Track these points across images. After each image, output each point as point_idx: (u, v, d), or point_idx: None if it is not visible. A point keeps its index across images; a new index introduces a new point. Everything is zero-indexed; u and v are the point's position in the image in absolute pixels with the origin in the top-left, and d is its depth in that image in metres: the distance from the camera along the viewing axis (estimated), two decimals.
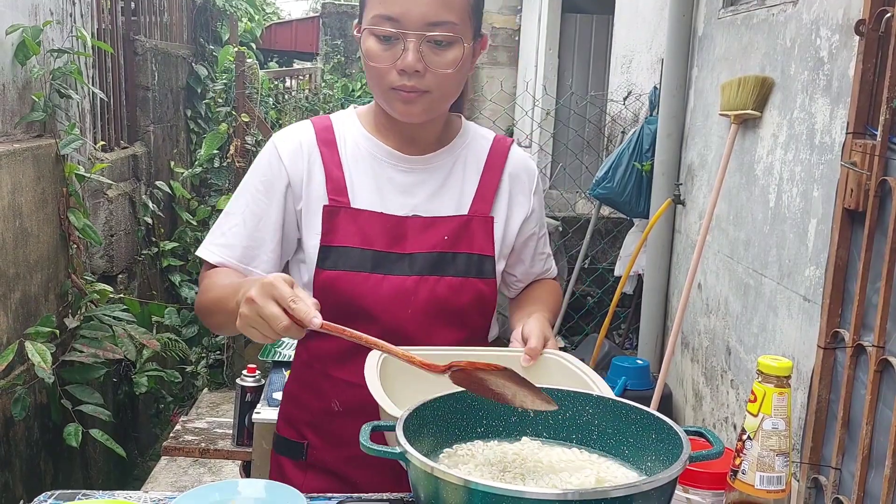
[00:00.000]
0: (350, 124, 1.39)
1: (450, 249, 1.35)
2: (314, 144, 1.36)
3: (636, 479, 1.02)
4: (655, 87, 4.11)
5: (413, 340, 1.29)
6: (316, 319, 1.06)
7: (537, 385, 1.04)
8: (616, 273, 4.39)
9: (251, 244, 1.34)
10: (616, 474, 1.04)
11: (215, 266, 1.35)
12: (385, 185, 1.35)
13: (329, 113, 1.58)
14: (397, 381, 1.19)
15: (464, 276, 1.35)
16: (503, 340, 1.44)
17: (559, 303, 1.57)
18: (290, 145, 1.36)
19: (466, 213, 1.37)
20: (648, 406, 1.08)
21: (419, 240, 1.34)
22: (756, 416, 1.01)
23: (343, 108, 1.54)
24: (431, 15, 1.23)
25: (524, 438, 1.12)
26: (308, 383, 1.40)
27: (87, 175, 3.27)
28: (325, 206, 1.33)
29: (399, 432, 0.97)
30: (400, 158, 1.36)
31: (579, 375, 1.26)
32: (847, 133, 2.14)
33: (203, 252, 1.37)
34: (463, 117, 1.46)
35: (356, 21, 1.35)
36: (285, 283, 1.07)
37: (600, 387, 1.20)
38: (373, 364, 1.18)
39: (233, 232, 1.35)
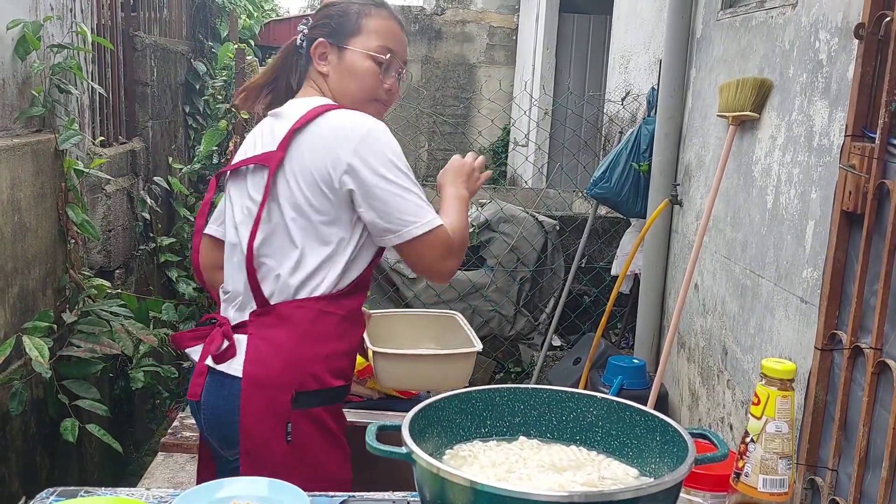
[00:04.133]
0: None
1: None
2: None
3: (640, 480, 1.03)
4: (653, 88, 4.11)
5: None
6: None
7: None
8: (613, 272, 4.40)
9: None
10: (617, 472, 1.05)
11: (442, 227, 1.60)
12: None
13: None
14: None
15: None
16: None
17: None
18: None
19: None
20: (645, 406, 1.09)
21: None
22: (759, 418, 1.02)
23: None
24: (405, 55, 1.74)
25: (521, 437, 1.13)
26: (346, 334, 1.64)
27: (86, 170, 3.26)
28: None
29: (405, 432, 0.98)
30: None
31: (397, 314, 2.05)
32: (846, 136, 2.15)
33: (439, 220, 1.60)
34: None
35: (324, 39, 1.67)
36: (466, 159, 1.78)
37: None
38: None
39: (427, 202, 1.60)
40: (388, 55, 1.66)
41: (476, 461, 1.06)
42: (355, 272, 1.62)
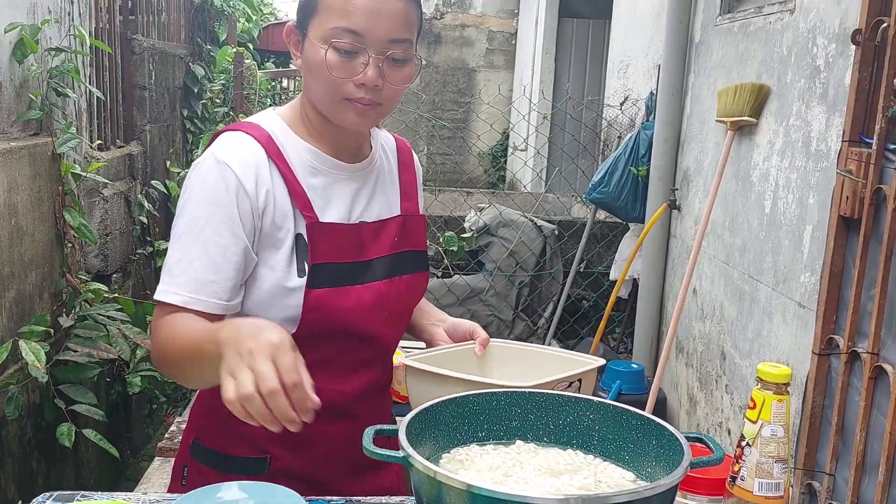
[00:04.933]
0: (283, 132, 1.33)
1: (399, 249, 1.39)
2: (265, 159, 1.28)
3: (637, 484, 1.03)
4: (652, 93, 4.12)
5: (385, 342, 1.39)
6: (311, 404, 0.98)
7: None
8: (611, 277, 4.40)
9: (217, 278, 1.24)
10: (613, 476, 1.05)
11: (178, 308, 1.24)
12: (332, 195, 1.33)
13: None
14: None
15: (413, 272, 1.41)
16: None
17: None
18: (241, 162, 1.26)
19: (399, 213, 1.41)
20: (643, 410, 1.08)
21: (375, 245, 1.36)
22: (755, 422, 1.02)
23: None
24: (393, 32, 1.23)
25: (518, 442, 1.13)
26: None
27: (83, 174, 3.25)
28: (307, 225, 1.28)
29: (402, 436, 0.98)
30: (340, 167, 1.35)
31: (526, 350, 1.57)
32: (843, 141, 2.16)
33: (163, 295, 1.24)
34: None
35: (292, 23, 1.32)
36: (291, 350, 1.00)
37: (549, 352, 1.55)
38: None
39: (194, 267, 1.24)
40: (350, 38, 1.22)
41: (473, 465, 1.06)
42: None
